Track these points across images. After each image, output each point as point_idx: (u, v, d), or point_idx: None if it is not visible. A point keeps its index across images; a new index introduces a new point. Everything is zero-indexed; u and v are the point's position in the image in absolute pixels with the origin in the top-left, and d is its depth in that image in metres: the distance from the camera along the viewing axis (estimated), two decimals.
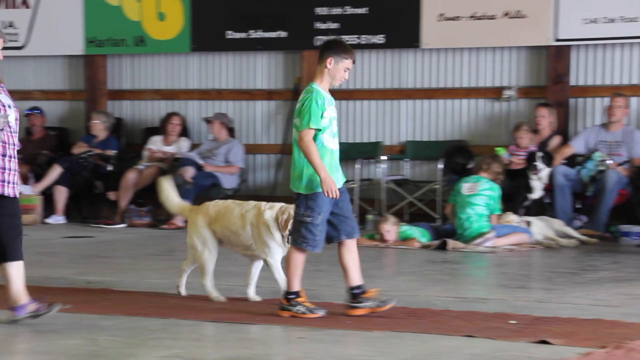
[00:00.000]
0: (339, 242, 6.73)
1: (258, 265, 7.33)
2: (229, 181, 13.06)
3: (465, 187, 10.86)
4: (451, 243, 10.63)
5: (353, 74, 13.28)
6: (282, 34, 13.33)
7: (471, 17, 12.50)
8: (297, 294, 6.71)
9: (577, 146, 11.85)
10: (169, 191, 7.61)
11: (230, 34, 13.58)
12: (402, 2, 12.90)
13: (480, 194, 10.74)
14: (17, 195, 6.41)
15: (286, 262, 6.78)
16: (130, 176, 13.09)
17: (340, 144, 13.11)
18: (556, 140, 12.08)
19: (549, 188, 11.57)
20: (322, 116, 6.61)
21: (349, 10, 13.13)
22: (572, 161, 11.72)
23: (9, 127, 6.32)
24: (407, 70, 13.07)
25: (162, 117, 13.82)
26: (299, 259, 6.71)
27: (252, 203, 7.26)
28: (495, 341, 6.00)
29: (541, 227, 10.92)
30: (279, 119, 13.73)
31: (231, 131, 13.42)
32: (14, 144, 6.36)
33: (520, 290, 8.08)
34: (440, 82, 12.96)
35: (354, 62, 6.75)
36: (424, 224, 11.46)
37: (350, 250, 6.74)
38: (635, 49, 12.01)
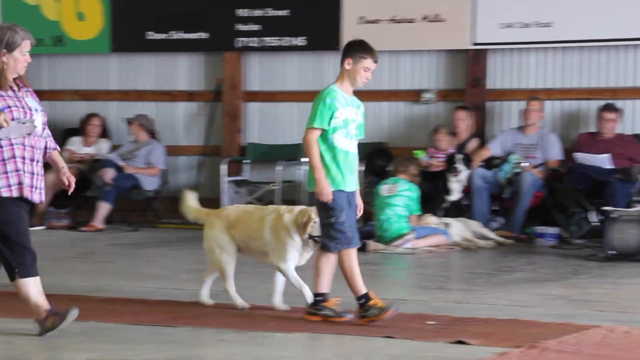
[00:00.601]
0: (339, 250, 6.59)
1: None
2: (150, 183, 12.99)
3: (384, 188, 10.99)
4: (371, 245, 10.73)
5: (274, 76, 13.35)
6: (203, 35, 13.30)
7: (391, 20, 12.62)
8: (324, 297, 6.61)
9: (494, 149, 12.04)
10: (189, 199, 7.35)
11: (151, 35, 13.51)
12: (323, 4, 12.97)
13: (399, 195, 10.87)
14: (43, 201, 6.40)
15: (316, 265, 6.64)
16: (49, 178, 12.90)
17: (262, 145, 13.39)
18: (474, 143, 12.26)
19: (467, 190, 11.74)
20: (332, 116, 6.49)
21: (271, 12, 13.15)
22: (489, 163, 11.91)
23: (36, 132, 6.20)
24: (329, 72, 13.14)
25: (82, 118, 13.69)
26: (329, 262, 6.60)
27: (272, 207, 7.14)
28: (414, 342, 6.08)
29: (459, 229, 11.08)
30: (200, 121, 13.69)
31: (152, 133, 13.35)
32: (40, 149, 6.25)
33: (439, 291, 8.20)
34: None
35: (375, 62, 6.58)
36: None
37: (351, 258, 6.58)
38: (549, 54, 12.23)
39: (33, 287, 6.14)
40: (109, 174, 12.68)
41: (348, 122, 6.55)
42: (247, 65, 13.38)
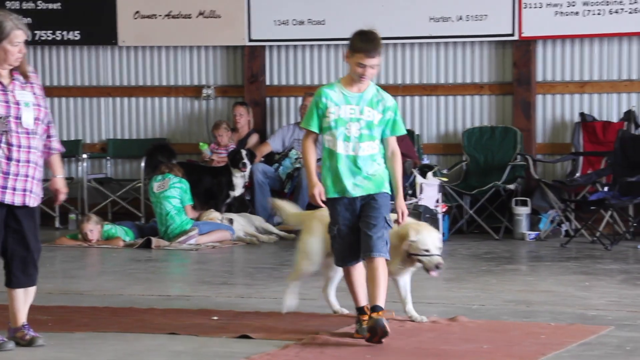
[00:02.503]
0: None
1: (404, 283, 6.52)
2: None
3: (156, 185, 11.00)
4: (155, 241, 10.68)
5: (48, 71, 13.03)
6: None
7: (167, 15, 12.56)
8: (361, 310, 6.07)
9: (274, 144, 12.20)
10: (284, 206, 6.99)
11: None
12: None
13: (172, 188, 10.93)
14: (29, 204, 5.86)
15: None
16: None
17: None
18: (254, 139, 12.38)
19: (249, 185, 11.85)
20: (323, 115, 5.95)
21: (41, 5, 12.84)
22: (270, 159, 12.06)
23: (17, 129, 5.73)
24: (106, 67, 12.95)
25: None
26: (347, 275, 6.13)
27: None
28: (198, 337, 6.11)
29: (242, 224, 11.17)
30: None
31: None
32: (28, 147, 5.79)
33: (223, 287, 8.25)
34: (140, 80, 12.94)
35: (369, 57, 5.85)
36: (127, 222, 11.45)
37: (350, 274, 6.09)
38: (323, 50, 12.50)
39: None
40: None
41: (342, 122, 5.92)
42: None
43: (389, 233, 6.03)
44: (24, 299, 6.00)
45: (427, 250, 6.26)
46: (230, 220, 11.12)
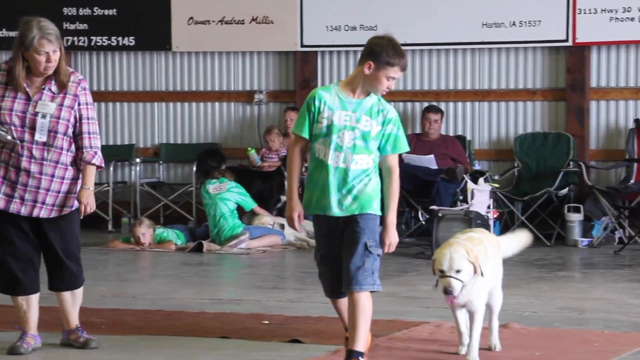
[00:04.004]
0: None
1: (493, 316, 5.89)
2: None
3: (212, 187, 11.07)
4: (206, 245, 10.75)
5: (103, 76, 13.17)
6: None
7: (220, 21, 12.64)
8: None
9: None
10: None
11: None
12: (152, 4, 12.87)
13: (230, 191, 11.00)
14: (38, 216, 5.80)
15: None
16: None
17: None
18: None
19: (299, 191, 11.85)
20: (315, 120, 5.28)
21: (98, 11, 12.98)
22: None
23: (30, 139, 5.67)
24: (160, 73, 13.06)
25: None
26: (335, 306, 5.58)
27: (472, 235, 5.71)
28: (249, 341, 6.14)
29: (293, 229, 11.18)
30: None
31: None
32: (41, 159, 5.72)
33: (274, 291, 8.27)
34: (193, 85, 13.03)
35: (402, 70, 5.33)
36: (179, 226, 11.54)
37: (336, 304, 5.52)
38: None
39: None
40: None
41: (336, 129, 5.23)
42: (76, 64, 13.15)
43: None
44: (71, 300, 6.01)
45: (441, 271, 5.46)
46: (282, 226, 11.15)
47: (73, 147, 5.83)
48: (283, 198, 11.82)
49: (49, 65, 5.72)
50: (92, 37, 12.96)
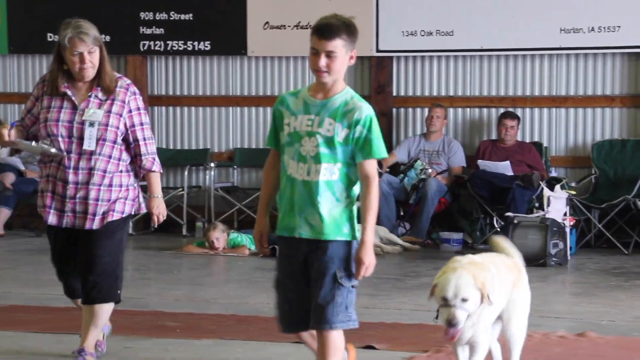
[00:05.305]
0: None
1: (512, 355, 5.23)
2: None
3: None
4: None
5: (179, 80, 13.28)
6: (106, 37, 13.15)
7: (296, 26, 12.67)
8: None
9: (399, 155, 12.17)
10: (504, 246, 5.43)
11: (52, 37, 13.32)
12: (228, 9, 12.95)
13: None
14: (92, 228, 5.60)
15: None
16: None
17: (168, 150, 13.29)
18: None
19: None
20: (280, 128, 4.63)
21: (174, 15, 13.09)
22: (395, 169, 12.04)
23: (77, 150, 5.50)
24: (235, 77, 13.13)
25: None
26: (301, 339, 4.89)
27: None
28: None
29: None
30: None
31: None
32: (89, 169, 5.53)
33: None
34: (268, 90, 13.07)
35: (322, 39, 4.55)
36: (253, 231, 11.54)
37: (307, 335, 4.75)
38: (451, 62, 12.42)
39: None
40: (9, 179, 12.46)
41: (297, 137, 4.56)
42: (152, 69, 13.28)
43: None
44: (88, 318, 5.68)
45: (445, 300, 4.73)
46: None
47: (124, 155, 5.65)
48: (357, 204, 11.76)
49: (84, 67, 5.50)
50: (168, 42, 13.07)
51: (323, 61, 4.51)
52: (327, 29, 4.58)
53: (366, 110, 4.55)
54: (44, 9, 13.31)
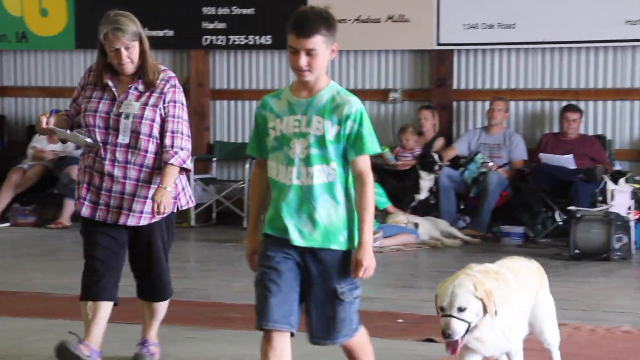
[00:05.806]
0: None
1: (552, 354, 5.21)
2: None
3: None
4: None
5: (240, 75, 13.34)
6: (169, 32, 13.26)
7: (356, 20, 12.65)
8: None
9: (460, 148, 12.11)
10: None
11: None
12: (290, 4, 12.90)
13: None
14: (126, 224, 5.49)
15: None
16: (14, 176, 12.84)
17: (229, 144, 13.37)
18: (440, 142, 12.32)
19: (433, 189, 11.81)
20: (265, 133, 4.40)
21: (236, 10, 13.15)
22: (455, 163, 11.98)
23: (114, 141, 5.39)
24: None
25: None
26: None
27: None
28: (383, 340, 6.10)
29: (427, 228, 11.14)
30: None
31: None
32: (125, 162, 5.40)
33: (407, 290, 8.24)
34: None
35: (300, 37, 4.41)
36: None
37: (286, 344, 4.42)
38: (513, 55, 12.32)
39: (85, 311, 5.58)
40: (75, 171, 12.62)
41: (285, 140, 4.32)
42: (214, 63, 13.36)
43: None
44: (148, 313, 5.75)
45: (442, 309, 4.58)
46: (416, 225, 11.10)
47: (154, 149, 5.48)
48: (417, 197, 11.75)
49: (122, 63, 5.42)
50: (229, 36, 13.14)
51: (303, 60, 4.31)
52: (305, 26, 4.37)
53: (356, 105, 4.38)
54: (109, 4, 13.42)
